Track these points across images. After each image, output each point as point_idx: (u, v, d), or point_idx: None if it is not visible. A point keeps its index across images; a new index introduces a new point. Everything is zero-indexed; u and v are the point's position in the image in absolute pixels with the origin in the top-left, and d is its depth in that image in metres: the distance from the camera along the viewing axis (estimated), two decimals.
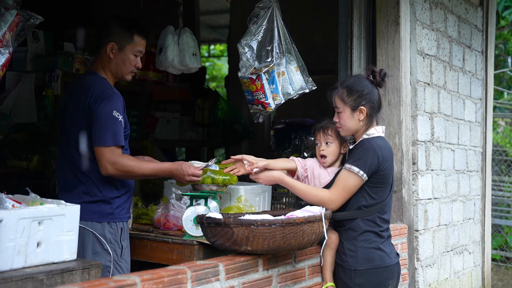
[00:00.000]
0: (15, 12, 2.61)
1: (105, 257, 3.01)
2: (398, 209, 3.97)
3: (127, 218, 3.19)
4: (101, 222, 3.03)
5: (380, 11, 4.07)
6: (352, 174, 2.94)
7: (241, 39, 3.52)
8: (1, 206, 2.49)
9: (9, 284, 2.24)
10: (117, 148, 2.96)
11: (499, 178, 7.81)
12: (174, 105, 6.75)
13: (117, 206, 3.09)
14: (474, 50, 5.21)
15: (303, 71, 3.66)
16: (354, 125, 3.03)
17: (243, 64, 3.49)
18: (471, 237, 5.10)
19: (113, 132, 2.95)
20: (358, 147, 3.00)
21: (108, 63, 3.13)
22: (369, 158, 2.93)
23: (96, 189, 3.03)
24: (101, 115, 2.95)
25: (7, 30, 2.58)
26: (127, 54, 3.14)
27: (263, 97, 3.56)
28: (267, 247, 2.68)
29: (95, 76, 3.13)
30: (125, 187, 3.13)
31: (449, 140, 4.67)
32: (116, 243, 3.08)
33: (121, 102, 3.06)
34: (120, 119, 2.98)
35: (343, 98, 3.02)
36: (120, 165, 2.95)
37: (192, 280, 2.37)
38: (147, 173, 3.11)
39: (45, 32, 4.68)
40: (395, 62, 4.01)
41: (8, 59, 2.61)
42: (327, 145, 3.22)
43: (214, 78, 14.49)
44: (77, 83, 3.18)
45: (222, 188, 3.40)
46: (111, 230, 3.06)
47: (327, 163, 3.23)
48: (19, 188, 2.90)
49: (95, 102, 2.97)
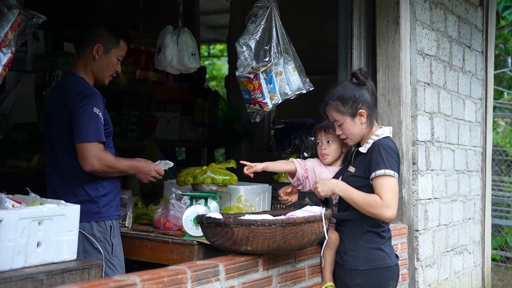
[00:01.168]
0: (17, 12, 2.61)
1: (96, 256, 3.05)
2: (398, 209, 3.95)
3: (117, 216, 3.22)
4: (89, 221, 3.07)
5: (380, 11, 4.07)
6: (389, 177, 2.90)
7: (239, 38, 3.52)
8: (1, 206, 2.49)
9: (9, 284, 2.24)
10: (99, 144, 3.02)
11: (499, 178, 7.81)
12: (174, 105, 6.75)
13: (104, 205, 3.12)
14: (474, 50, 5.21)
15: (300, 71, 3.67)
16: (359, 130, 3.03)
17: (241, 63, 3.50)
18: (471, 237, 5.10)
19: (95, 128, 3.01)
20: (377, 150, 2.96)
21: (92, 63, 3.19)
22: (393, 159, 2.94)
23: (81, 189, 3.08)
24: (81, 112, 3.00)
25: (9, 30, 2.59)
26: (111, 57, 3.22)
27: (260, 96, 3.56)
28: (267, 247, 2.68)
29: (73, 76, 3.18)
30: (110, 185, 3.17)
31: (449, 140, 4.67)
32: (106, 241, 3.11)
33: (101, 99, 3.11)
34: (100, 116, 3.04)
35: (339, 109, 3.02)
36: (105, 161, 3.02)
37: (192, 280, 2.37)
38: (122, 169, 3.16)
39: (45, 32, 4.67)
40: (395, 62, 4.01)
41: (10, 59, 2.62)
42: (329, 144, 3.27)
43: (214, 78, 14.49)
44: (57, 86, 3.26)
45: (222, 188, 3.41)
46: (99, 228, 3.10)
47: (328, 160, 3.28)
48: (19, 188, 2.90)
49: (75, 101, 3.02)
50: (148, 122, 5.98)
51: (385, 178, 2.90)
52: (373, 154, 2.96)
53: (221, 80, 13.85)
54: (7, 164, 4.47)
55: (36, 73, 4.55)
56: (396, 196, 2.92)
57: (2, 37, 2.56)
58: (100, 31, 3.20)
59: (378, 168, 2.91)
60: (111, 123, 3.20)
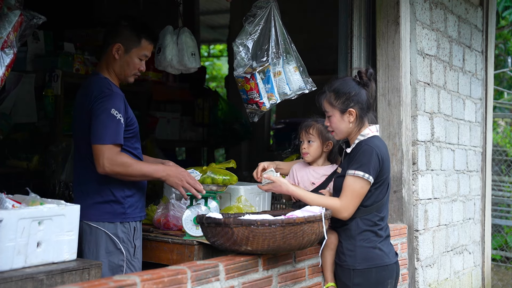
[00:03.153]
0: (19, 13, 2.62)
1: (118, 256, 3.01)
2: (398, 209, 3.97)
3: (141, 218, 3.17)
4: (113, 222, 3.02)
5: (380, 11, 4.07)
6: (358, 178, 2.92)
7: (236, 38, 3.53)
8: (1, 206, 2.50)
9: (9, 284, 2.24)
10: (115, 147, 2.94)
11: (499, 178, 7.81)
12: (174, 105, 6.75)
13: (129, 206, 3.07)
14: (474, 50, 5.21)
15: (302, 71, 3.66)
16: (345, 127, 3.03)
17: (237, 63, 3.50)
18: (471, 237, 5.10)
19: (111, 130, 2.93)
20: (358, 150, 2.98)
21: (113, 63, 3.14)
22: (371, 160, 2.93)
23: (107, 189, 3.03)
24: (99, 113, 2.95)
25: (11, 31, 2.60)
26: (132, 57, 3.14)
27: (257, 96, 3.56)
28: (267, 247, 2.68)
29: (96, 76, 3.14)
30: (136, 186, 3.12)
31: (449, 140, 4.67)
32: (129, 242, 3.07)
33: (123, 101, 3.05)
34: (119, 117, 2.96)
35: (331, 101, 3.02)
36: (117, 164, 2.91)
37: (192, 280, 2.37)
38: (143, 173, 3.03)
39: (45, 32, 4.68)
40: (395, 62, 4.01)
41: (12, 59, 2.64)
42: (309, 143, 3.35)
43: (214, 78, 14.50)
44: (82, 86, 3.21)
45: (222, 188, 3.40)
46: (124, 229, 3.05)
47: (308, 159, 3.37)
48: (19, 188, 2.90)
49: (95, 101, 2.98)
50: (148, 122, 5.98)
51: (351, 178, 2.93)
52: (354, 154, 2.99)
53: (221, 80, 13.85)
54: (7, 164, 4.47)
55: (36, 73, 4.55)
56: (357, 198, 2.94)
57: (4, 38, 2.56)
58: (121, 30, 3.13)
59: (351, 167, 2.95)
60: (136, 122, 3.13)
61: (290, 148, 4.75)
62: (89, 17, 6.18)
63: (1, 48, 2.58)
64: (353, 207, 2.95)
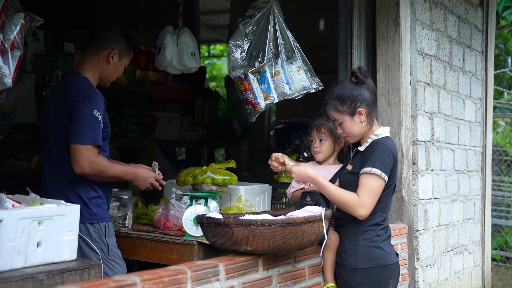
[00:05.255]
0: (23, 15, 2.68)
1: (94, 256, 3.04)
2: (398, 209, 3.97)
3: (109, 218, 3.21)
4: (84, 223, 3.04)
5: (380, 11, 4.07)
6: (374, 176, 2.92)
7: (230, 39, 3.53)
8: (1, 206, 2.50)
9: (9, 284, 2.24)
10: (94, 148, 3.00)
11: (499, 178, 7.81)
12: (174, 105, 6.75)
13: (96, 206, 3.11)
14: (474, 50, 5.21)
15: (307, 70, 3.65)
16: (359, 129, 3.04)
17: (232, 65, 3.51)
18: (471, 237, 5.10)
19: (93, 131, 2.98)
20: (373, 148, 2.98)
21: (103, 66, 3.18)
22: (386, 159, 2.94)
23: (73, 191, 3.06)
24: (81, 113, 2.98)
25: (18, 32, 2.65)
26: (122, 64, 3.27)
27: (251, 96, 3.57)
28: (267, 247, 2.68)
29: (76, 75, 3.16)
30: (102, 188, 3.15)
31: (449, 140, 4.67)
32: (101, 242, 3.11)
33: (103, 102, 3.09)
34: (100, 119, 3.01)
35: (338, 108, 3.03)
36: (97, 165, 2.99)
37: (192, 280, 2.37)
38: (116, 175, 3.13)
39: (45, 32, 4.68)
40: (395, 62, 4.01)
41: (19, 60, 2.68)
42: (321, 142, 3.41)
43: (214, 78, 14.49)
44: (58, 85, 3.23)
45: (222, 188, 3.41)
46: (94, 229, 3.10)
47: (320, 158, 3.41)
48: (19, 188, 2.90)
49: (76, 101, 3.00)
50: (148, 122, 5.98)
51: (369, 176, 2.92)
52: (369, 152, 2.99)
53: (221, 80, 13.84)
54: (7, 164, 4.47)
55: (36, 73, 4.55)
56: (375, 196, 2.93)
57: (12, 40, 2.61)
58: (119, 38, 3.22)
59: (367, 165, 2.94)
60: (109, 126, 3.18)
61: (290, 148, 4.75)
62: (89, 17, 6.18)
63: (10, 50, 2.62)
64: (371, 205, 2.93)
